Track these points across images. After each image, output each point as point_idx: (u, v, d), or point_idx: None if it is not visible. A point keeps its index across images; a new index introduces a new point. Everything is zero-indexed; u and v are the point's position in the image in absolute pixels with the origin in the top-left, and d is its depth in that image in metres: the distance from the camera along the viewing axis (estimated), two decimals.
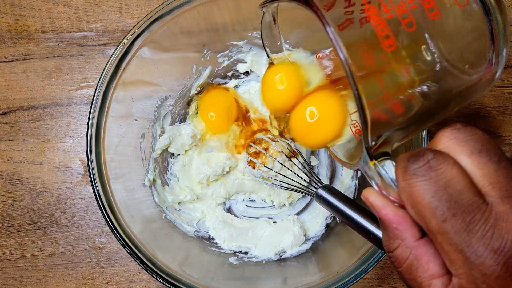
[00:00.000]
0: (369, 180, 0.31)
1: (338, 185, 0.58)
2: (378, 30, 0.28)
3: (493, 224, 0.24)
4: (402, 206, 0.29)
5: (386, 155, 0.30)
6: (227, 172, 0.57)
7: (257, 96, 0.59)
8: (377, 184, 0.30)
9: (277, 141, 0.55)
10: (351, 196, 0.56)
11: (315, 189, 0.45)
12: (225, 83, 0.60)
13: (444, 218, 0.24)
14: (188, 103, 0.58)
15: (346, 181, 0.58)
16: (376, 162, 0.30)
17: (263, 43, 0.41)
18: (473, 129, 0.26)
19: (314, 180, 0.49)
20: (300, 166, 0.54)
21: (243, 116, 0.58)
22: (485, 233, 0.23)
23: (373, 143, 0.29)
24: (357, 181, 0.56)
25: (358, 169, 0.32)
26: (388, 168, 0.29)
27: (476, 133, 0.26)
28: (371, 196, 0.30)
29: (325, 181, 0.58)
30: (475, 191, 0.24)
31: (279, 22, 0.39)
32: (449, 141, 0.26)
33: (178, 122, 0.58)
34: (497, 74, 0.30)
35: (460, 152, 0.25)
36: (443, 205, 0.24)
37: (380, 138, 0.29)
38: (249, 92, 0.59)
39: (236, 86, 0.60)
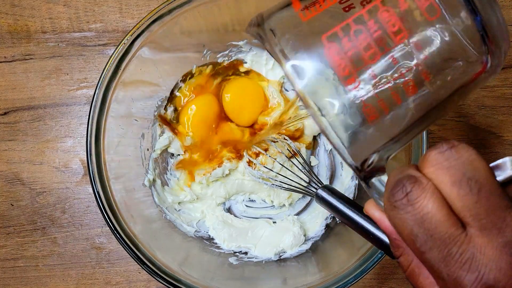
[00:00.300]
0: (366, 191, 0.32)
1: (338, 186, 0.58)
2: (339, 70, 0.27)
3: (470, 256, 0.24)
4: None
5: (379, 171, 0.30)
6: (227, 174, 0.57)
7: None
8: (372, 197, 0.31)
9: (277, 141, 0.55)
10: (351, 196, 0.56)
11: (314, 190, 0.45)
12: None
13: (423, 250, 0.25)
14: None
15: (346, 182, 0.58)
16: (367, 182, 0.30)
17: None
18: (458, 151, 0.25)
19: (314, 180, 0.49)
20: (299, 166, 0.54)
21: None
22: (461, 265, 0.24)
23: (360, 166, 0.30)
24: (357, 181, 0.56)
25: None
26: (380, 184, 0.30)
27: (459, 157, 0.25)
28: (371, 209, 0.31)
29: (325, 181, 0.58)
30: (453, 222, 0.25)
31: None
32: (432, 167, 0.26)
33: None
34: (498, 70, 0.29)
35: (441, 181, 0.25)
36: (421, 238, 0.25)
37: (366, 161, 0.30)
38: None
39: None
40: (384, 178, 0.30)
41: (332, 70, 0.27)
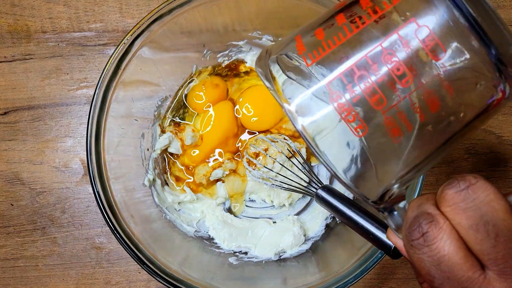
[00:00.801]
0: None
1: (337, 186, 0.58)
2: (346, 118, 0.27)
3: None
4: None
5: (398, 202, 0.30)
6: (227, 175, 0.57)
7: None
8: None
9: (277, 141, 0.55)
10: (350, 196, 0.56)
11: (314, 190, 0.45)
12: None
13: None
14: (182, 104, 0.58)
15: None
16: (385, 214, 0.30)
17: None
18: (475, 191, 0.24)
19: (314, 180, 0.49)
20: (299, 166, 0.54)
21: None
22: None
23: (379, 200, 0.30)
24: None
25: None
26: (398, 215, 0.30)
27: (477, 198, 0.24)
28: (393, 236, 0.31)
29: (325, 181, 0.58)
30: (470, 265, 0.25)
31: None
32: (449, 207, 0.25)
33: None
34: None
35: (458, 223, 0.25)
36: (438, 279, 0.25)
37: (384, 196, 0.30)
38: None
39: None
40: (402, 207, 0.30)
41: (339, 118, 0.27)
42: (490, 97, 0.26)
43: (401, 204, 0.30)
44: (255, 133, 0.58)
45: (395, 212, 0.30)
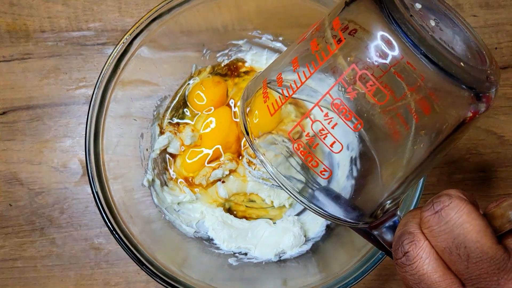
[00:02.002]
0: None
1: (334, 185, 0.57)
2: (309, 164, 0.29)
3: None
4: None
5: (390, 219, 0.31)
6: (227, 174, 0.56)
7: None
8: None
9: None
10: (347, 196, 0.55)
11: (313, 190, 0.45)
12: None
13: None
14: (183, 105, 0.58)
15: (342, 181, 0.57)
16: (378, 233, 0.32)
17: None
18: (447, 213, 0.25)
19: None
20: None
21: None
22: None
23: (371, 221, 0.31)
24: (353, 181, 0.56)
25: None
26: (388, 233, 0.31)
27: (449, 221, 0.25)
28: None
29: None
30: (449, 283, 0.25)
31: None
32: (426, 229, 0.26)
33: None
34: (491, 105, 0.28)
35: (434, 244, 0.26)
36: None
37: (376, 215, 0.31)
38: None
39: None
40: (393, 225, 0.31)
41: (303, 163, 0.30)
42: (463, 115, 0.27)
43: (395, 220, 0.31)
44: None
45: (389, 231, 0.31)
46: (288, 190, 0.31)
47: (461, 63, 0.26)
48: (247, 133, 0.32)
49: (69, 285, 0.58)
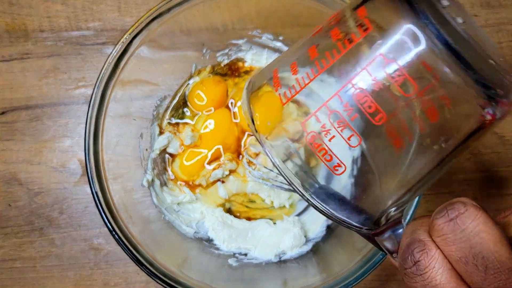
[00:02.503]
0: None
1: (335, 185, 0.57)
2: (324, 159, 0.27)
3: None
4: None
5: (394, 226, 0.30)
6: (227, 175, 0.56)
7: None
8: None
9: None
10: (348, 196, 0.55)
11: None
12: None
13: None
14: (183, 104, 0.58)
15: (343, 181, 0.57)
16: (381, 239, 0.30)
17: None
18: (463, 221, 0.24)
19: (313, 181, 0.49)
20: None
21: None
22: None
23: (374, 228, 0.30)
24: (353, 180, 0.56)
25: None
26: (393, 240, 0.30)
27: (465, 229, 0.24)
28: (393, 260, 0.31)
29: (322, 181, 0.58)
30: None
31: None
32: (439, 237, 0.25)
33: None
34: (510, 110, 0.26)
35: (448, 254, 0.25)
36: None
37: (380, 221, 0.29)
38: None
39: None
40: (399, 232, 0.30)
41: (315, 158, 0.28)
42: (480, 119, 0.26)
43: (399, 227, 0.30)
44: None
45: (393, 236, 0.30)
46: (294, 185, 0.29)
47: (490, 60, 0.25)
48: (253, 124, 0.30)
49: (68, 285, 0.57)
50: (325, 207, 0.29)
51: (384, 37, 0.25)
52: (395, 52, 0.25)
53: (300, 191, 0.29)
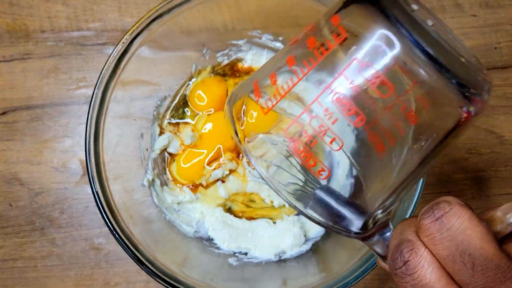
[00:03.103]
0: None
1: (334, 184, 0.58)
2: (307, 164, 0.28)
3: None
4: None
5: (382, 229, 0.30)
6: (227, 174, 0.56)
7: None
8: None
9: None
10: (347, 195, 0.56)
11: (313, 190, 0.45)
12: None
13: None
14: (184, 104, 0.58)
15: (341, 180, 0.57)
16: (370, 243, 0.31)
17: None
18: (449, 220, 0.24)
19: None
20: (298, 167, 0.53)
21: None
22: None
23: (362, 232, 0.30)
24: (353, 180, 0.56)
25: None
26: (382, 243, 0.30)
27: (451, 227, 0.24)
28: (382, 263, 0.31)
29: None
30: None
31: None
32: (426, 237, 0.25)
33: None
34: (485, 107, 0.27)
35: (435, 253, 0.25)
36: None
37: (367, 225, 0.30)
38: None
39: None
40: (387, 234, 0.30)
41: (300, 164, 0.28)
42: (457, 118, 0.26)
43: (387, 230, 0.30)
44: None
45: (382, 239, 0.30)
46: (282, 194, 0.30)
47: (462, 60, 0.25)
48: (237, 136, 0.31)
49: (69, 285, 0.58)
50: (312, 214, 0.30)
51: (359, 42, 0.26)
52: (370, 56, 0.26)
53: (286, 199, 0.30)
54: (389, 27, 0.25)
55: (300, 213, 0.30)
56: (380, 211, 0.30)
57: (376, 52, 0.25)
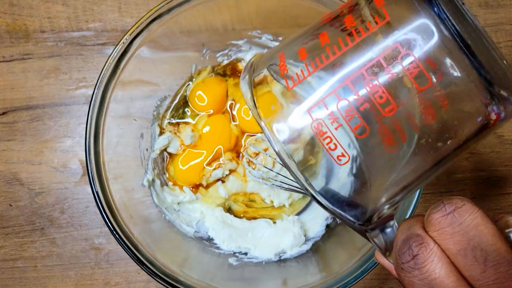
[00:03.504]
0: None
1: (334, 183, 0.57)
2: (328, 147, 0.26)
3: None
4: None
5: (386, 222, 0.30)
6: (227, 174, 0.56)
7: None
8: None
9: None
10: (347, 194, 0.56)
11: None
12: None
13: None
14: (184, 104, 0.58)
15: (342, 179, 0.57)
16: (372, 235, 0.30)
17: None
18: (461, 215, 0.24)
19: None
20: None
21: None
22: None
23: (366, 224, 0.30)
24: (353, 178, 0.56)
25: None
26: (386, 238, 0.30)
27: (463, 222, 0.24)
28: (381, 257, 0.31)
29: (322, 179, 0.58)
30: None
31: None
32: (436, 232, 0.25)
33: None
34: None
35: (446, 248, 0.25)
36: None
37: (372, 218, 0.29)
38: None
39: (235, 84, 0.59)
40: (391, 228, 0.30)
41: (322, 146, 0.27)
42: (484, 119, 0.25)
43: (390, 225, 0.30)
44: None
45: (383, 234, 0.30)
46: (293, 173, 0.28)
47: (503, 62, 0.24)
48: (256, 108, 0.29)
49: (69, 285, 0.58)
50: (321, 199, 0.29)
51: (401, 28, 0.25)
52: (412, 44, 0.24)
53: (299, 180, 0.29)
54: (434, 16, 0.24)
55: (308, 194, 0.29)
56: (387, 206, 0.29)
57: (419, 40, 0.24)
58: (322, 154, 0.28)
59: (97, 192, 0.44)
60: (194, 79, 0.57)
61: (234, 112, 0.57)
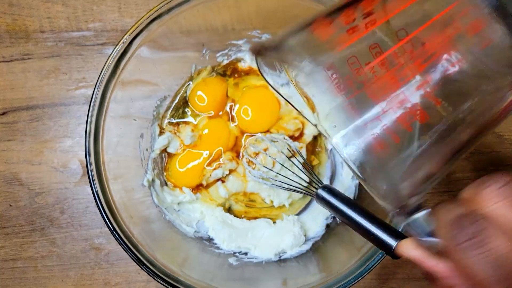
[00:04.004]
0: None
1: (338, 185, 0.58)
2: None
3: None
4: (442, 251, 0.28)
5: (417, 210, 0.29)
6: (227, 174, 0.56)
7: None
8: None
9: (277, 141, 0.55)
10: (351, 196, 0.56)
11: (315, 189, 0.45)
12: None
13: None
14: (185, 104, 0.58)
15: (346, 181, 0.57)
16: (408, 223, 0.29)
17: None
18: None
19: (314, 180, 0.49)
20: (300, 166, 0.53)
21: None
22: None
23: (400, 211, 0.29)
24: (357, 181, 0.56)
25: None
26: (423, 222, 0.29)
27: None
28: (409, 250, 0.30)
29: (325, 181, 0.58)
30: None
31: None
32: (496, 203, 0.24)
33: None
34: None
35: (507, 221, 0.24)
36: (498, 280, 0.23)
37: (405, 206, 0.29)
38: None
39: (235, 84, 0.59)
40: (422, 218, 0.29)
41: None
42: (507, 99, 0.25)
43: (422, 213, 0.29)
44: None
45: (419, 221, 0.29)
46: (326, 131, 0.28)
47: None
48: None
49: (69, 285, 0.58)
50: (355, 168, 0.28)
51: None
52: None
53: (330, 139, 0.28)
54: None
55: (343, 158, 0.28)
56: (416, 196, 0.29)
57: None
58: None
59: (97, 192, 0.44)
60: (194, 79, 0.57)
61: (233, 114, 0.57)
